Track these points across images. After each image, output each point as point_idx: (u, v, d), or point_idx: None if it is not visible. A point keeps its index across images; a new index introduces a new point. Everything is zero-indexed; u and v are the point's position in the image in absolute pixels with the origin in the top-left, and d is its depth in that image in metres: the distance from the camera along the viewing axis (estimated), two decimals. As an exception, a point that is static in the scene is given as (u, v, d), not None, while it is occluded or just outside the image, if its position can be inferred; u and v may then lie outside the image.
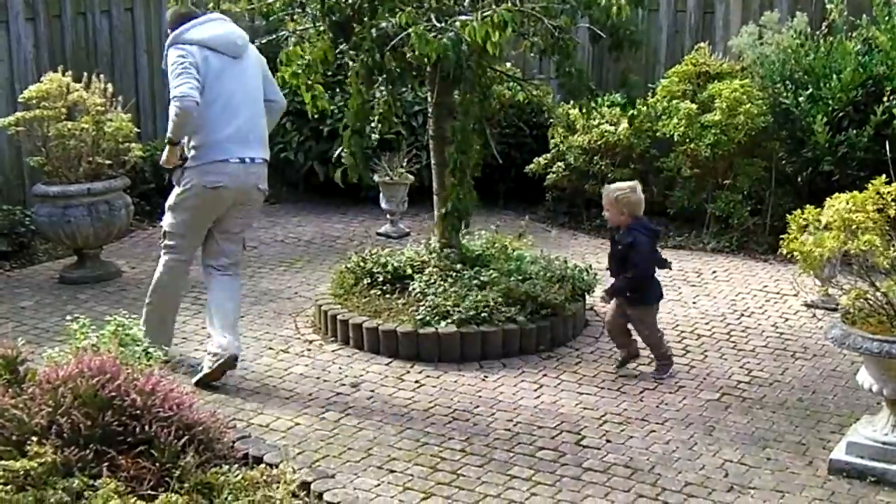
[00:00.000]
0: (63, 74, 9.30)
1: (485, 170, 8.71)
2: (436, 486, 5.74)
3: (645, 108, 9.62)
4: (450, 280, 7.80)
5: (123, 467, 4.82)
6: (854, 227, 5.68)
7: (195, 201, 7.10)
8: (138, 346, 5.86)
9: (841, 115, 9.62)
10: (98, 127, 9.17)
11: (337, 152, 7.82)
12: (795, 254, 5.89)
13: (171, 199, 7.25)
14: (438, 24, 6.89)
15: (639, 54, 8.21)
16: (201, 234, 7.31)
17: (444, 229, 8.05)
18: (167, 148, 7.07)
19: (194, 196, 7.08)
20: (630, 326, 7.33)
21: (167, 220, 7.28)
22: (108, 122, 9.22)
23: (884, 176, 5.87)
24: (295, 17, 8.02)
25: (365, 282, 8.11)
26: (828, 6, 10.10)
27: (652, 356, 7.41)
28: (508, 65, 10.47)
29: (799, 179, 10.05)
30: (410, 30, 6.76)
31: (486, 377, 7.21)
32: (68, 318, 6.09)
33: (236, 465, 5.19)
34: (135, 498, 4.65)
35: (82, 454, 4.78)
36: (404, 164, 10.68)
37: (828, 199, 5.93)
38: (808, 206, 6.03)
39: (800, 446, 6.23)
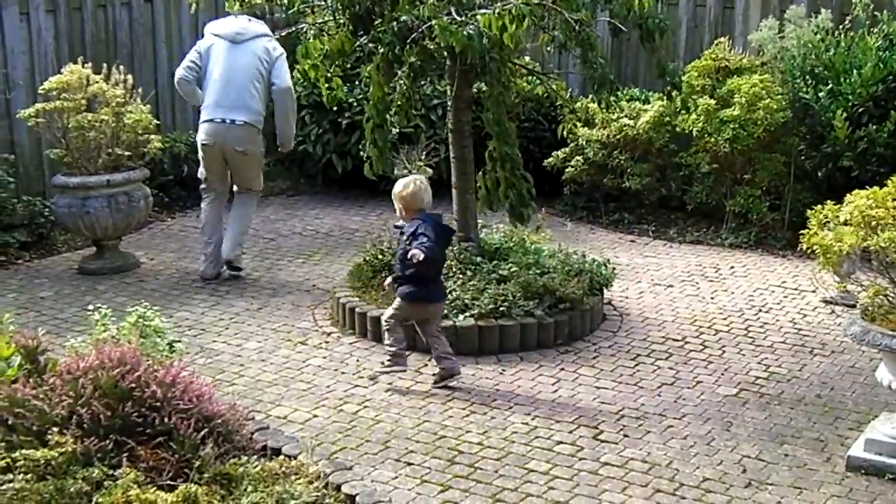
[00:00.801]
0: (83, 66, 9.32)
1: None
2: (453, 478, 5.75)
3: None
4: (468, 274, 7.80)
5: (143, 458, 4.85)
6: (874, 223, 5.67)
7: (200, 153, 9.09)
8: (160, 337, 5.89)
9: (861, 110, 9.59)
10: (118, 119, 9.19)
11: (365, 147, 7.84)
12: (815, 248, 5.88)
13: None
14: (459, 18, 6.88)
15: (665, 44, 8.11)
16: (217, 177, 9.14)
17: (464, 224, 8.07)
18: None
19: (198, 148, 9.09)
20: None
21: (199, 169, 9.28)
22: (127, 114, 9.24)
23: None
24: (315, 9, 8.03)
25: (383, 275, 8.10)
26: (853, 0, 10.05)
27: (667, 348, 7.43)
28: (527, 59, 10.46)
29: (818, 175, 10.02)
30: (433, 22, 6.76)
31: (503, 371, 7.22)
32: (90, 307, 6.13)
33: (255, 457, 5.22)
34: (154, 488, 4.68)
35: (102, 444, 4.81)
36: (423, 157, 10.67)
37: (847, 195, 5.92)
38: (828, 201, 6.02)
39: (818, 443, 6.22)
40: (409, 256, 6.74)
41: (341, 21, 7.54)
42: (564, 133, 8.68)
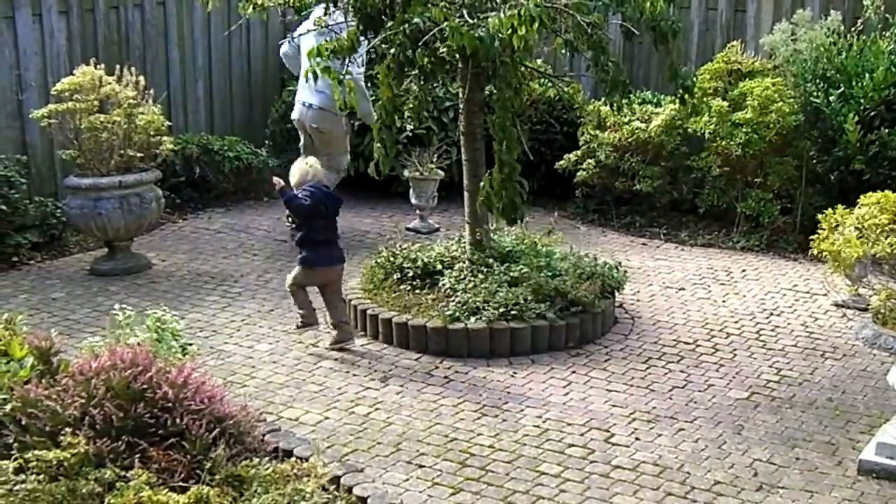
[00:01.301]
0: (95, 67, 9.34)
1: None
2: (464, 481, 5.76)
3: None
4: (480, 276, 7.81)
5: (155, 459, 4.86)
6: (878, 230, 5.67)
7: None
8: (176, 340, 5.90)
9: (873, 114, 9.58)
10: (130, 120, 9.21)
11: (374, 147, 7.84)
12: (825, 254, 5.89)
13: None
14: (471, 21, 6.89)
15: (677, 46, 8.06)
16: (310, 147, 10.24)
17: (475, 227, 8.06)
18: None
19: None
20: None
21: None
22: (139, 116, 9.26)
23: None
24: (327, 12, 8.03)
25: (395, 277, 8.12)
26: (864, 3, 10.05)
27: (678, 351, 7.43)
28: (539, 61, 10.47)
29: (830, 179, 10.02)
30: (444, 24, 6.76)
31: (515, 373, 7.22)
32: (115, 307, 6.15)
33: (266, 459, 5.23)
34: (166, 490, 4.68)
35: (114, 445, 4.83)
36: (434, 159, 10.68)
37: (861, 197, 5.92)
38: (839, 205, 6.02)
39: (829, 446, 6.22)
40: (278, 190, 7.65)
41: (353, 22, 7.55)
42: (585, 137, 8.62)
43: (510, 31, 6.51)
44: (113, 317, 6.04)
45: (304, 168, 7.70)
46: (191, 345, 6.13)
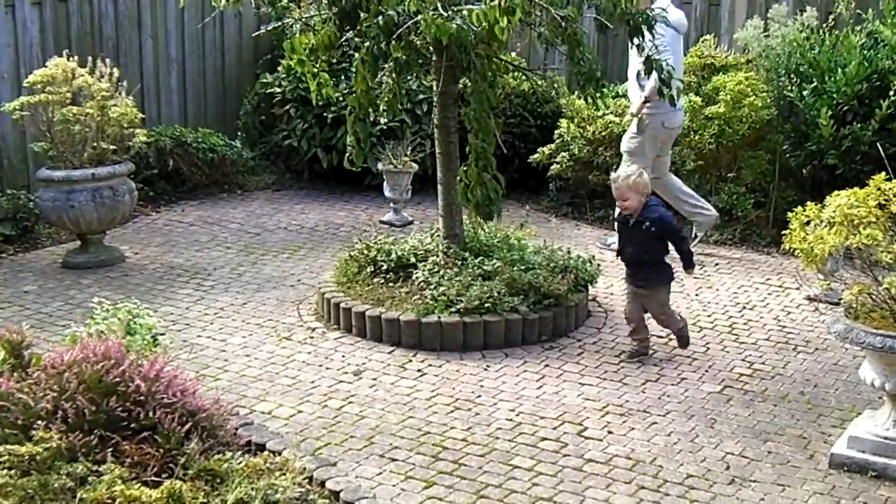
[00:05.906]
0: (68, 59, 9.29)
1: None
2: (437, 475, 5.75)
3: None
4: (454, 269, 7.81)
5: (127, 453, 4.84)
6: (856, 221, 5.69)
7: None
8: (148, 332, 5.89)
9: (846, 108, 9.62)
10: (103, 112, 9.16)
11: (347, 140, 7.81)
12: (797, 251, 5.90)
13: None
14: (445, 13, 6.88)
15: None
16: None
17: (450, 220, 8.06)
18: None
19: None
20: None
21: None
22: (112, 108, 9.22)
23: (884, 173, 5.86)
24: (301, 4, 8.02)
25: (368, 270, 8.11)
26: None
27: (651, 344, 7.46)
28: (514, 54, 10.47)
29: (803, 173, 10.05)
30: (419, 17, 6.76)
31: (488, 367, 7.22)
32: (93, 300, 6.11)
33: (239, 453, 5.20)
34: (139, 484, 4.66)
35: (87, 439, 4.80)
36: (408, 152, 10.68)
37: (828, 197, 5.94)
38: (809, 202, 6.03)
39: (801, 440, 6.24)
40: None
41: (327, 16, 7.54)
42: (565, 128, 8.52)
43: (493, 22, 6.51)
44: (91, 310, 6.01)
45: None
46: (162, 335, 6.11)
